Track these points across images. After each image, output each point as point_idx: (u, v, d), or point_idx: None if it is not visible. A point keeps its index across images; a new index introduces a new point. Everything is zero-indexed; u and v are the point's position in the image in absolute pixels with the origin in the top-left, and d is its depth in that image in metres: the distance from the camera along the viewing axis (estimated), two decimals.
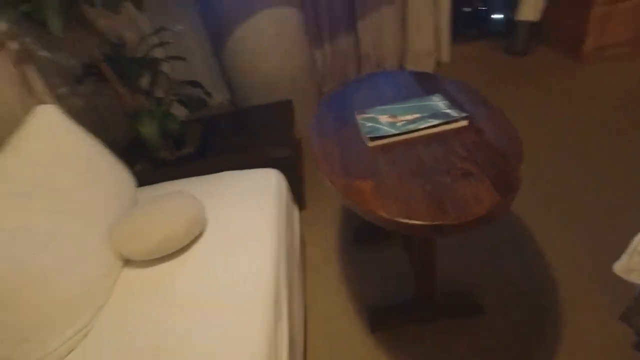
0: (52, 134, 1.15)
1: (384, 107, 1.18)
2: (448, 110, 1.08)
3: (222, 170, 1.53)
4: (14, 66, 1.46)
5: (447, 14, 2.84)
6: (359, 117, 1.16)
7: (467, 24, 3.38)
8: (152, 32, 2.13)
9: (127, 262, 1.15)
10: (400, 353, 1.28)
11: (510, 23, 2.99)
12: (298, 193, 1.84)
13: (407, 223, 0.78)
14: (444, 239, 1.63)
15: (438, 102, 1.14)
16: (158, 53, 1.89)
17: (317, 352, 1.34)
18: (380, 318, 1.37)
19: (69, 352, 0.93)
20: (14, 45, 1.47)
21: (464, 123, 1.04)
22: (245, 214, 1.26)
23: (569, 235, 1.54)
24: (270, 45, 2.17)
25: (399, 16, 2.81)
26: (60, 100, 1.66)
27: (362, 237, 1.74)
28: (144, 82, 1.85)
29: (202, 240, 1.17)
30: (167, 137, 1.82)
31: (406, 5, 2.75)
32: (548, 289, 1.38)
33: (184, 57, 1.92)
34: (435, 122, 1.04)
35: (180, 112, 1.92)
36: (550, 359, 1.18)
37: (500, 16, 3.24)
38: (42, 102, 1.56)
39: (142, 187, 1.50)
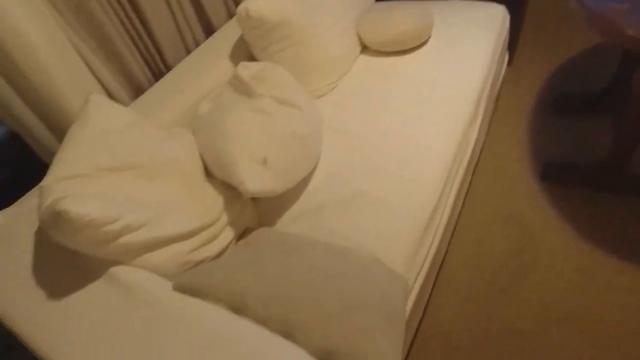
0: None
1: None
2: None
3: None
4: None
5: None
6: None
7: None
8: None
9: (364, 49, 1.46)
10: (561, 208, 1.38)
11: None
12: (511, 46, 1.81)
13: None
14: None
15: None
16: None
17: (484, 177, 1.55)
18: (555, 171, 1.45)
19: (321, 96, 1.34)
20: None
21: None
22: (466, 36, 1.38)
23: None
24: None
25: None
26: None
27: (562, 106, 1.69)
28: None
29: (426, 46, 1.38)
30: None
31: None
32: None
33: None
34: None
35: None
36: None
37: None
38: None
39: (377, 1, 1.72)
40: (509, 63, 1.97)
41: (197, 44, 1.43)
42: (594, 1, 0.96)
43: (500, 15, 1.48)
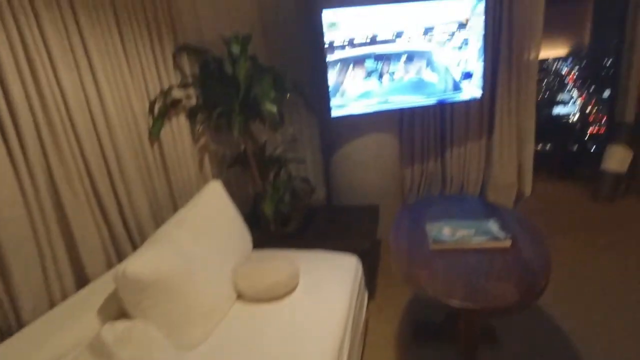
0: (216, 200, 1.75)
1: (448, 221, 1.54)
2: (497, 232, 1.40)
3: (314, 249, 1.96)
4: (197, 152, 2.20)
5: (530, 152, 3.16)
6: (428, 225, 1.53)
7: (557, 163, 3.64)
8: (285, 140, 2.89)
9: (239, 297, 1.58)
10: None
11: (598, 169, 3.15)
12: (370, 284, 2.16)
13: (446, 303, 1.08)
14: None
15: (492, 225, 1.46)
16: (285, 154, 2.55)
17: None
18: None
19: (196, 345, 1.33)
20: (203, 140, 2.23)
21: (508, 243, 1.34)
22: (327, 284, 1.64)
23: None
24: (369, 160, 2.73)
25: (484, 149, 3.23)
26: (213, 177, 2.35)
27: (420, 333, 1.94)
28: (271, 173, 2.49)
29: (293, 295, 1.57)
30: (278, 216, 2.36)
31: (491, 141, 3.17)
32: None
33: (303, 160, 2.55)
34: (485, 239, 1.36)
35: (288, 198, 2.48)
36: None
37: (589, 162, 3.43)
38: (206, 178, 2.26)
39: (253, 250, 2.00)
40: (372, 297, 2.28)
41: (65, 296, 1.40)
42: (405, 265, 1.30)
43: (353, 263, 1.82)
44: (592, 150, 3.74)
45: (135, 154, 1.75)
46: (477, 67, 2.54)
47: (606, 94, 3.84)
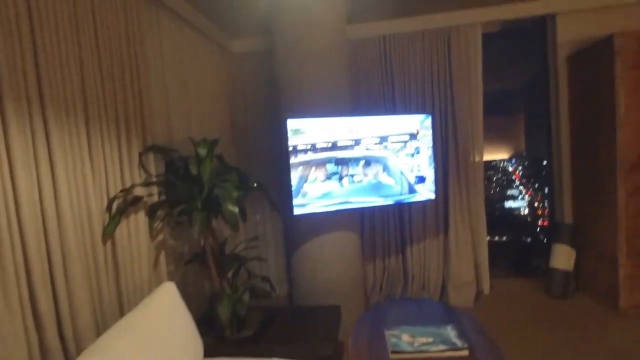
0: (168, 304, 1.65)
1: (407, 327, 1.53)
2: (455, 340, 1.39)
3: (271, 357, 1.83)
4: (154, 249, 2.13)
5: (484, 250, 3.30)
6: (387, 332, 1.50)
7: (513, 255, 3.80)
8: (247, 237, 2.88)
9: None
10: None
11: (549, 267, 3.29)
12: None
13: None
14: None
15: (450, 332, 1.46)
16: (246, 251, 2.51)
17: None
18: None
19: None
20: (160, 237, 2.18)
21: (466, 352, 1.33)
22: None
23: None
24: (330, 258, 2.73)
25: (442, 247, 3.34)
26: (168, 275, 2.25)
27: None
28: (230, 271, 2.41)
29: None
30: (234, 318, 2.22)
31: (447, 239, 3.30)
32: None
33: (265, 258, 2.52)
34: (443, 347, 1.35)
35: (247, 298, 2.37)
36: None
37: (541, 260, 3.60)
38: (161, 276, 2.15)
39: (205, 359, 1.83)
40: None
41: None
42: None
43: None
44: (545, 241, 3.97)
45: (85, 254, 1.66)
46: (429, 172, 2.76)
47: (547, 189, 4.22)
